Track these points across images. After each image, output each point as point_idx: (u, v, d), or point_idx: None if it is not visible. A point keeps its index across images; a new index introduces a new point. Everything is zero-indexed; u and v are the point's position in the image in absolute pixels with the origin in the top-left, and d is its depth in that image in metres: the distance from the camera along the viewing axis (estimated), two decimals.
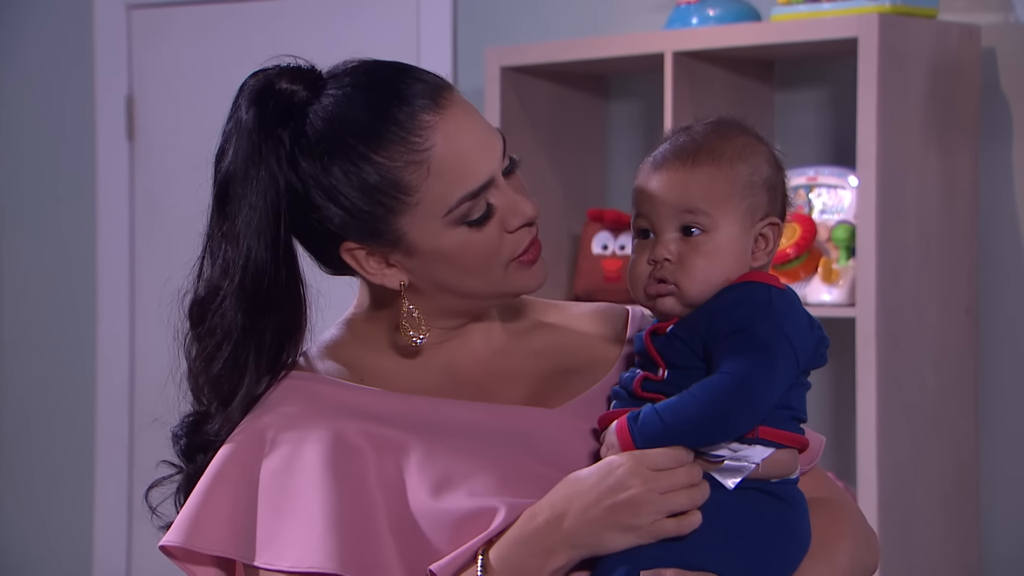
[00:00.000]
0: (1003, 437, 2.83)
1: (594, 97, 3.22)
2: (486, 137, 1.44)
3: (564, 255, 3.15)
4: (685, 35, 2.85)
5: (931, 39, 2.71)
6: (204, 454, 1.46)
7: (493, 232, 1.43)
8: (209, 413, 1.45)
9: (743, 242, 1.43)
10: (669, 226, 1.43)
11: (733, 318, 1.38)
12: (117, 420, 3.89)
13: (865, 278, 2.63)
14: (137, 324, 3.87)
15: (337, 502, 1.39)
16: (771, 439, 1.39)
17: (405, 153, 1.40)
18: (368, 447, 1.42)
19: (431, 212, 1.41)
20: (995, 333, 2.83)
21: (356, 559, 1.37)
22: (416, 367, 1.49)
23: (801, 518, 1.42)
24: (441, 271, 1.44)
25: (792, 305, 1.42)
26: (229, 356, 1.43)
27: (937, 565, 2.74)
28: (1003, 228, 2.82)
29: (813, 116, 3.02)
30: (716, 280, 1.41)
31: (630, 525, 1.35)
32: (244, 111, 1.43)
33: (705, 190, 1.42)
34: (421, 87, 1.42)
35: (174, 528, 1.42)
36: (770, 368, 1.36)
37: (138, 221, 3.87)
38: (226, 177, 1.43)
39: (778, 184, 1.46)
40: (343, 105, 1.42)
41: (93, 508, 3.91)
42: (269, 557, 1.38)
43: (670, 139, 1.47)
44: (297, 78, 1.45)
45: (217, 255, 1.44)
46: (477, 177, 1.41)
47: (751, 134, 1.47)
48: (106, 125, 3.88)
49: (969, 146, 2.78)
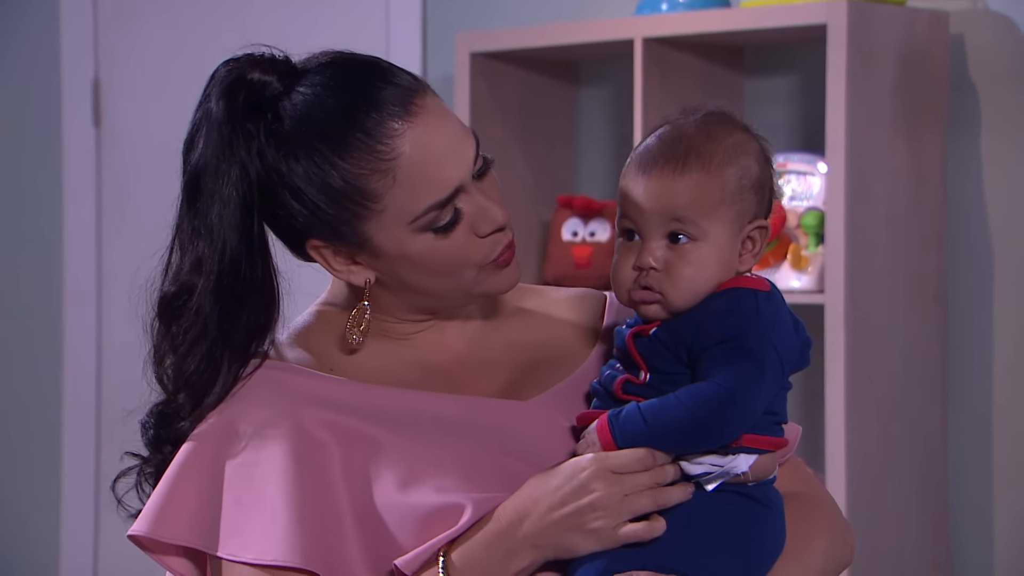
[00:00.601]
0: (971, 423, 2.84)
1: (564, 83, 3.22)
2: (457, 143, 1.41)
3: (534, 242, 3.15)
4: (655, 21, 2.85)
5: (900, 26, 2.72)
6: (172, 447, 1.44)
7: (461, 238, 1.41)
8: (180, 407, 1.44)
9: (731, 248, 1.40)
10: (656, 233, 1.39)
11: (721, 327, 1.36)
12: (84, 411, 3.86)
13: (834, 265, 2.64)
14: (104, 314, 3.85)
15: (301, 495, 1.38)
16: (755, 446, 1.38)
17: (371, 161, 1.38)
18: (334, 440, 1.41)
19: (397, 219, 1.40)
20: (963, 320, 2.84)
21: (319, 553, 1.37)
22: (388, 358, 1.48)
23: (776, 519, 1.41)
24: (408, 273, 1.43)
25: (779, 310, 1.40)
26: (205, 354, 1.41)
27: (905, 551, 2.75)
28: (971, 214, 2.83)
29: (782, 103, 3.03)
30: (703, 289, 1.39)
31: (591, 529, 1.34)
32: (214, 102, 1.41)
33: (694, 198, 1.38)
34: (393, 92, 1.40)
35: (141, 518, 1.41)
36: (759, 380, 1.35)
37: (105, 208, 3.85)
38: (196, 170, 1.41)
39: (766, 182, 1.43)
40: (312, 106, 1.40)
41: (60, 498, 3.89)
42: (233, 548, 1.38)
43: (658, 133, 1.43)
44: (270, 69, 1.43)
45: (188, 249, 1.42)
46: (444, 186, 1.40)
47: (741, 129, 1.44)
48: (72, 111, 3.86)
49: (937, 133, 2.79)
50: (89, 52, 3.83)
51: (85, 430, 3.86)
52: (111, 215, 3.84)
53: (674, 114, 1.45)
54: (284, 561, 1.36)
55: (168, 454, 1.44)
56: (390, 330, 1.48)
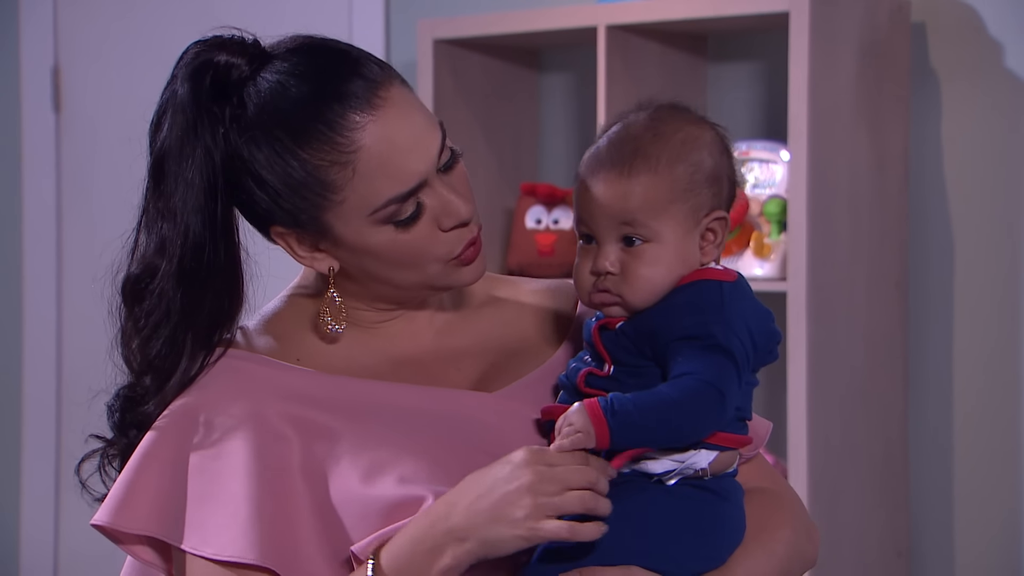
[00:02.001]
0: (932, 410, 2.86)
1: (527, 70, 3.22)
2: (420, 137, 1.40)
3: (498, 229, 3.15)
4: (618, 9, 2.85)
5: (862, 13, 2.73)
6: (138, 431, 1.43)
7: (424, 231, 1.40)
8: (146, 390, 1.43)
9: (688, 244, 1.39)
10: (609, 236, 1.39)
11: (687, 322, 1.35)
12: (44, 394, 3.84)
13: (796, 252, 2.65)
14: (64, 300, 3.82)
15: (260, 491, 1.37)
16: (717, 443, 1.38)
17: (330, 152, 1.37)
18: (296, 434, 1.40)
19: (357, 211, 1.39)
20: (924, 307, 2.86)
21: (276, 550, 1.36)
22: (356, 347, 1.47)
23: (733, 509, 1.41)
24: (370, 264, 1.42)
25: (744, 299, 1.39)
26: (168, 336, 1.41)
27: (866, 537, 2.77)
28: (933, 202, 2.85)
29: (745, 90, 3.03)
30: (661, 287, 1.38)
31: (513, 519, 1.30)
32: (180, 84, 1.40)
33: (643, 200, 1.38)
34: (359, 84, 1.38)
35: (104, 507, 1.41)
36: (734, 370, 1.35)
37: (65, 195, 3.82)
38: (161, 152, 1.41)
39: (723, 172, 1.41)
40: (276, 92, 1.39)
41: (20, 483, 3.87)
42: (195, 542, 1.37)
43: (608, 134, 1.42)
44: (238, 52, 1.41)
45: (153, 231, 1.41)
46: (406, 180, 1.38)
47: (692, 122, 1.42)
48: (31, 96, 3.83)
49: (899, 121, 2.80)
50: (49, 38, 3.80)
51: (46, 414, 3.84)
52: (71, 201, 3.81)
53: (626, 111, 1.44)
54: (241, 557, 1.35)
55: (133, 437, 1.44)
56: (359, 318, 1.48)
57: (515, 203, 3.11)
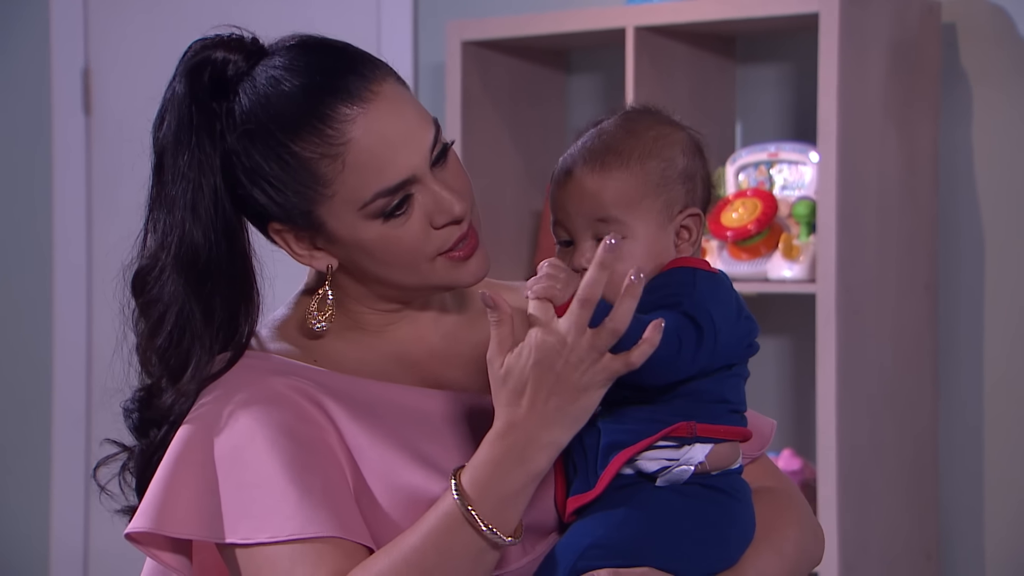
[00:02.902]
0: (961, 412, 2.85)
1: (555, 72, 3.22)
2: (412, 131, 1.40)
3: (525, 231, 3.15)
4: (647, 10, 2.85)
5: (892, 14, 2.72)
6: (157, 429, 1.44)
7: (416, 227, 1.41)
8: (160, 387, 1.44)
9: (663, 239, 1.41)
10: (585, 234, 1.41)
11: (658, 296, 1.36)
12: (74, 400, 3.86)
13: (825, 254, 2.64)
14: (95, 303, 3.84)
15: (300, 467, 1.37)
16: (709, 435, 1.38)
17: (320, 145, 1.38)
18: (321, 416, 1.41)
19: (347, 205, 1.40)
20: (954, 309, 2.84)
21: (333, 519, 1.36)
22: (366, 350, 1.48)
23: (743, 509, 1.41)
24: (365, 261, 1.43)
25: (718, 287, 1.39)
26: (173, 327, 1.42)
27: (895, 539, 2.76)
28: (962, 204, 2.83)
29: (774, 92, 3.02)
30: None
31: (578, 384, 1.29)
32: (179, 82, 1.43)
33: (616, 196, 1.39)
34: (351, 79, 1.39)
35: (140, 514, 1.40)
36: (694, 336, 1.34)
37: (95, 197, 3.84)
38: (161, 148, 1.43)
39: (696, 172, 1.43)
40: (269, 87, 1.40)
41: (50, 485, 3.89)
42: (246, 532, 1.36)
43: (581, 137, 1.44)
44: (236, 49, 1.44)
45: (156, 226, 1.43)
46: (394, 174, 1.39)
47: (665, 123, 1.44)
48: (62, 98, 3.85)
49: (929, 122, 2.79)
50: (79, 40, 3.82)
51: (75, 419, 3.86)
52: (101, 203, 3.83)
53: (598, 117, 1.46)
54: (300, 533, 1.35)
55: (154, 437, 1.44)
56: (364, 322, 1.48)
57: (542, 205, 3.11)
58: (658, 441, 1.37)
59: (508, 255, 3.10)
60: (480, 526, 1.32)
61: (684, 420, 1.37)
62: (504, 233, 3.09)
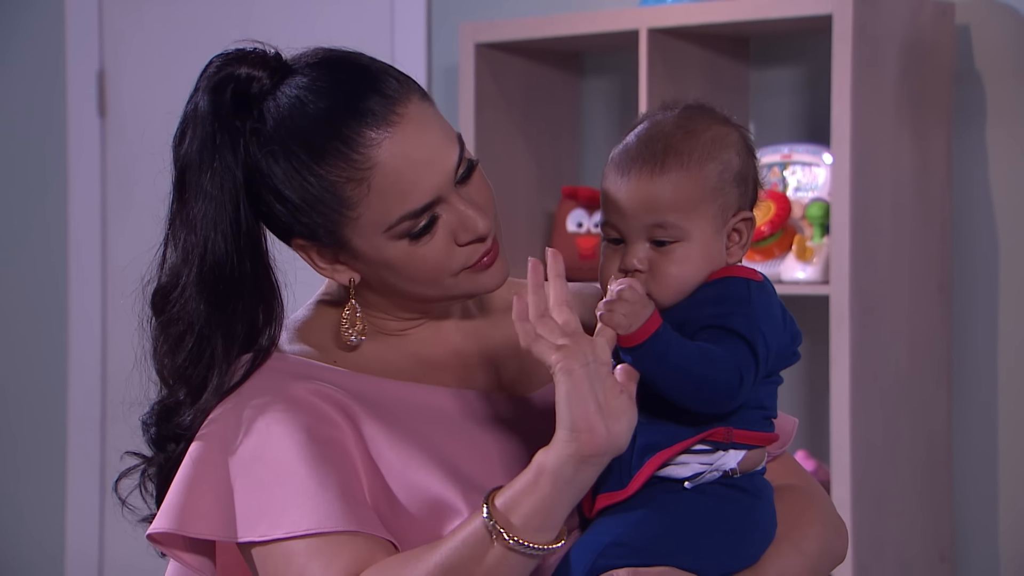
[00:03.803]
0: (975, 414, 2.84)
1: (568, 74, 3.22)
2: (436, 153, 1.40)
3: (539, 233, 3.15)
4: (660, 12, 2.85)
5: (905, 16, 2.71)
6: (175, 444, 1.44)
7: (440, 245, 1.41)
8: (179, 403, 1.44)
9: (716, 244, 1.40)
10: (639, 236, 1.40)
11: (712, 312, 1.36)
12: (89, 405, 3.86)
13: (839, 256, 2.64)
14: (109, 306, 3.84)
15: (319, 463, 1.38)
16: (745, 442, 1.38)
17: (346, 169, 1.38)
18: (340, 416, 1.41)
19: (372, 226, 1.40)
20: (968, 311, 2.84)
21: (351, 513, 1.36)
22: (388, 351, 1.48)
23: (765, 508, 1.41)
24: (388, 276, 1.43)
25: (769, 300, 1.40)
26: (194, 346, 1.42)
27: (909, 541, 2.75)
28: (976, 206, 2.83)
29: (788, 94, 3.02)
30: (689, 285, 1.39)
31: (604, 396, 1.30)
32: (202, 97, 1.42)
33: (673, 200, 1.38)
34: (376, 100, 1.39)
35: (162, 515, 1.41)
36: (753, 362, 1.35)
37: (110, 199, 3.85)
38: (183, 164, 1.43)
39: (749, 173, 1.43)
40: (295, 109, 1.40)
41: (65, 494, 3.89)
42: (264, 528, 1.37)
43: (636, 132, 1.43)
44: (259, 65, 1.43)
45: (177, 243, 1.43)
46: (420, 197, 1.39)
47: (720, 122, 1.43)
48: (77, 101, 3.85)
49: (943, 124, 2.78)
50: (94, 42, 3.83)
51: (90, 424, 3.86)
52: (116, 205, 3.84)
53: (652, 111, 1.44)
54: (319, 528, 1.35)
55: (171, 451, 1.44)
56: (384, 327, 1.49)
57: (556, 207, 3.12)
58: (694, 445, 1.37)
59: (521, 257, 3.08)
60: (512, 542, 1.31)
61: (722, 425, 1.37)
62: (517, 235, 3.09)
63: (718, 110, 1.45)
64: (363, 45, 1.48)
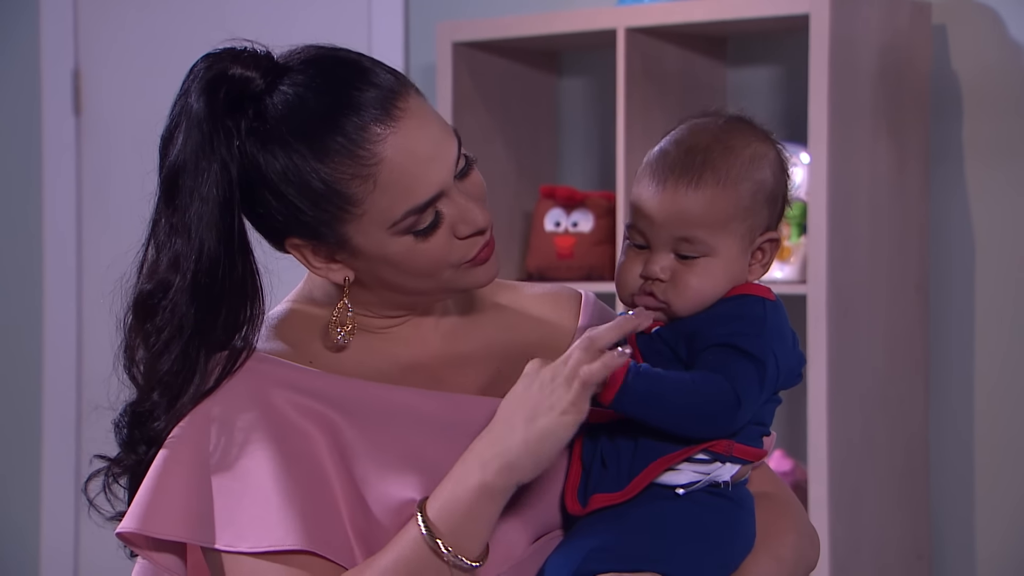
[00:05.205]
0: (952, 413, 2.85)
1: (546, 73, 3.21)
2: (439, 147, 1.40)
3: (516, 232, 3.14)
4: (637, 11, 2.85)
5: (882, 16, 2.72)
6: (147, 446, 1.43)
7: (441, 240, 1.41)
8: (154, 406, 1.42)
9: (740, 261, 1.40)
10: (664, 247, 1.39)
11: (726, 330, 1.36)
12: (64, 405, 3.84)
13: (816, 255, 2.64)
14: (85, 307, 3.83)
15: (288, 478, 1.37)
16: (743, 456, 1.38)
17: (351, 166, 1.37)
18: (315, 426, 1.40)
19: (376, 223, 1.39)
20: (945, 310, 2.85)
21: (313, 533, 1.36)
22: (366, 353, 1.47)
23: (747, 516, 1.42)
24: (387, 272, 1.43)
25: (782, 321, 1.40)
26: (179, 353, 1.40)
27: (886, 540, 2.76)
28: (953, 206, 2.84)
29: (765, 93, 3.03)
30: (708, 299, 1.39)
31: (550, 406, 1.32)
32: (194, 99, 1.39)
33: (705, 216, 1.37)
34: (374, 94, 1.38)
35: (130, 515, 1.40)
36: (760, 384, 1.35)
37: (85, 198, 3.83)
38: (175, 167, 1.39)
39: (780, 193, 1.42)
40: (294, 107, 1.38)
41: (40, 495, 3.87)
42: (229, 539, 1.37)
43: (676, 139, 1.41)
44: (252, 65, 1.41)
45: (166, 246, 1.40)
46: (425, 191, 1.39)
47: (760, 139, 1.42)
48: (52, 99, 3.84)
49: (920, 123, 2.79)
50: (69, 41, 3.81)
51: (65, 425, 3.84)
52: (91, 205, 3.82)
53: (694, 115, 1.43)
54: (280, 545, 1.35)
55: (143, 454, 1.43)
56: (366, 324, 1.48)
57: (534, 206, 3.11)
58: (696, 453, 1.37)
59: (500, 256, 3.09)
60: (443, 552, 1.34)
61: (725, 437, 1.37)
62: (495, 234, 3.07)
63: (757, 123, 1.44)
64: (340, 44, 1.46)
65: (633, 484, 1.36)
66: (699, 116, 1.43)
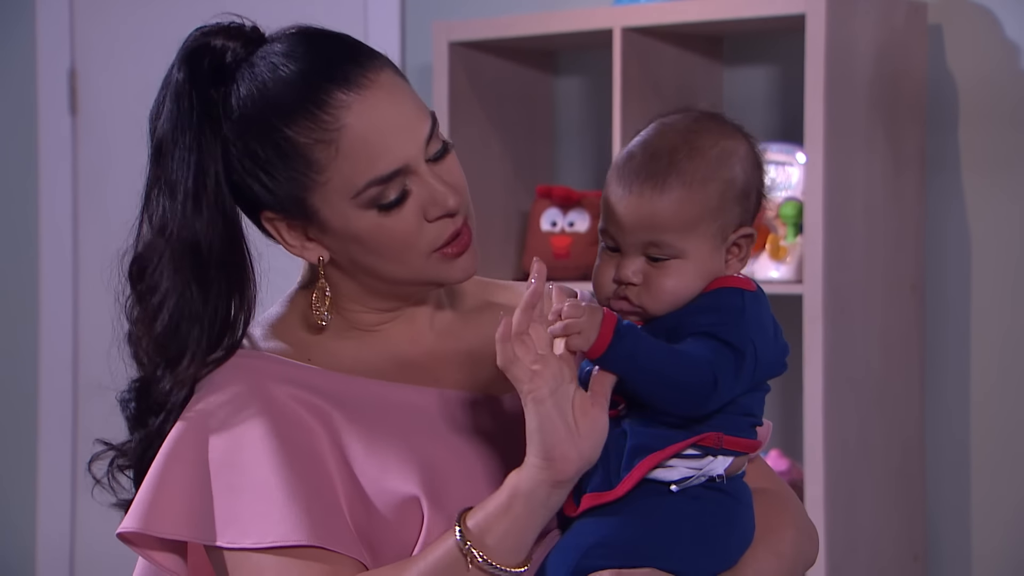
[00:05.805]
0: (948, 413, 2.85)
1: (542, 73, 3.21)
2: (409, 121, 1.40)
3: (513, 232, 3.14)
4: (634, 11, 2.85)
5: (878, 16, 2.72)
6: (155, 416, 1.43)
7: (409, 219, 1.40)
8: (156, 375, 1.43)
9: (713, 260, 1.39)
10: (634, 250, 1.39)
11: (704, 321, 1.36)
12: (61, 397, 3.85)
13: (812, 255, 2.64)
14: (80, 306, 3.83)
15: (290, 474, 1.37)
16: (734, 448, 1.38)
17: (314, 131, 1.39)
18: (315, 421, 1.41)
19: (340, 193, 1.40)
20: (940, 309, 2.85)
21: (318, 527, 1.36)
22: (362, 348, 1.47)
23: (745, 511, 1.42)
24: (357, 252, 1.43)
25: (762, 311, 1.40)
26: (172, 314, 1.41)
27: (882, 540, 2.76)
28: (949, 205, 2.84)
29: (761, 92, 3.03)
30: (682, 300, 1.39)
31: (540, 397, 1.32)
32: (177, 70, 1.43)
33: (672, 219, 1.37)
34: (349, 66, 1.40)
35: (131, 514, 1.40)
36: (737, 370, 1.35)
37: (81, 198, 3.83)
38: (161, 134, 1.43)
39: (753, 188, 1.41)
40: (267, 73, 1.41)
41: (36, 481, 3.87)
42: (232, 536, 1.37)
43: (643, 140, 1.41)
44: (235, 36, 1.44)
45: (154, 214, 1.43)
46: (389, 162, 1.39)
47: (728, 135, 1.41)
48: (48, 99, 3.84)
49: (916, 123, 2.79)
50: (65, 40, 3.81)
51: (62, 415, 3.84)
52: (87, 204, 3.82)
53: (663, 114, 1.42)
54: (284, 540, 1.35)
55: (153, 425, 1.43)
56: (359, 321, 1.48)
57: (530, 205, 3.11)
58: (685, 449, 1.37)
59: (495, 256, 3.10)
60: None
61: (713, 430, 1.37)
62: (492, 233, 3.08)
63: (729, 119, 1.43)
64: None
65: (624, 482, 1.36)
66: (669, 114, 1.42)
